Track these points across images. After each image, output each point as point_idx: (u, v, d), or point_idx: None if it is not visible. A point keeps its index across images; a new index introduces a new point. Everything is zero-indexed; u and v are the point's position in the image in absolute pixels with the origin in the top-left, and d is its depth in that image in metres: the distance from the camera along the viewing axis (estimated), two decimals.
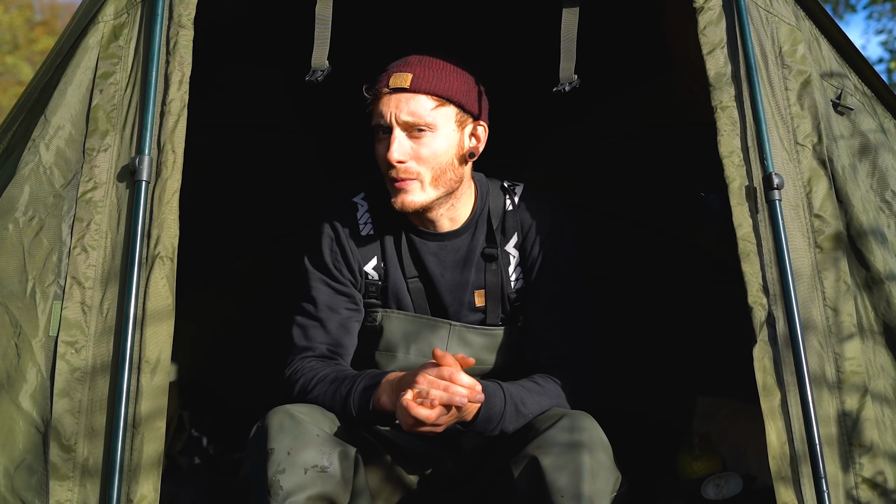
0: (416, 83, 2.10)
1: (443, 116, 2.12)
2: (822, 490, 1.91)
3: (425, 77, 2.11)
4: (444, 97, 2.12)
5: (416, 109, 2.10)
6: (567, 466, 1.86)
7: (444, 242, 2.23)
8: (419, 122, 2.10)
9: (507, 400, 2.00)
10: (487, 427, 1.99)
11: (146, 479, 1.88)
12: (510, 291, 2.25)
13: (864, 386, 2.01)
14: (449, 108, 2.13)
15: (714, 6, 2.16)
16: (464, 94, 2.15)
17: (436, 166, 2.13)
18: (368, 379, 2.04)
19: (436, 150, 2.12)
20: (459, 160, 2.17)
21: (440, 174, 2.14)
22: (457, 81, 2.14)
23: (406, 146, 2.11)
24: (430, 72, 2.12)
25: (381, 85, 2.12)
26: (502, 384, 2.03)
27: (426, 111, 2.10)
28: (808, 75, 2.18)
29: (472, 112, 2.17)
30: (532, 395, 2.06)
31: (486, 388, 1.98)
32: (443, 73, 2.13)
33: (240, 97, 3.22)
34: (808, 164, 2.12)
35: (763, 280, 2.02)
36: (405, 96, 2.10)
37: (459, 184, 2.20)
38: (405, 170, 2.11)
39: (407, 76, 2.10)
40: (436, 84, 2.11)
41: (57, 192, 2.04)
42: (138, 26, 2.12)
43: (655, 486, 2.98)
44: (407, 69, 2.12)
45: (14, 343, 1.96)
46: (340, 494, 1.89)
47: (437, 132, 2.12)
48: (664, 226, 3.76)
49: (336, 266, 2.22)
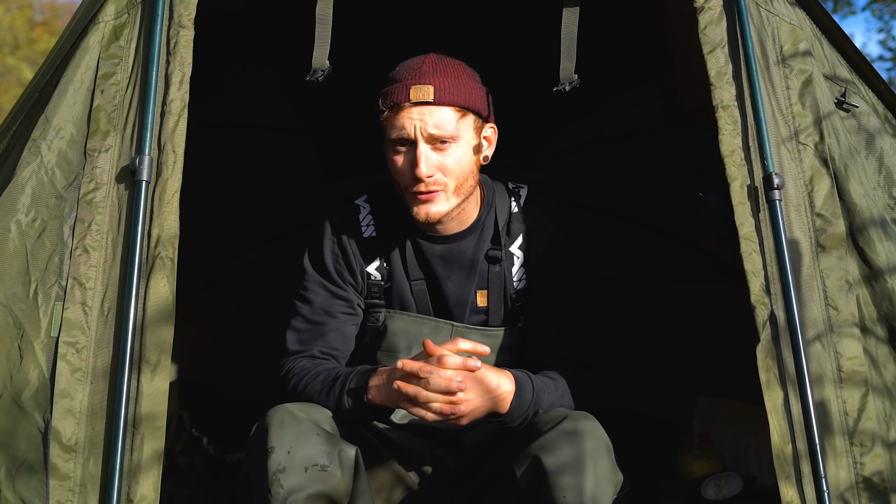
0: (440, 96, 2.08)
1: (465, 126, 2.12)
2: (823, 489, 1.91)
3: (447, 88, 2.09)
4: (465, 107, 2.11)
5: (441, 122, 2.08)
6: (570, 467, 1.86)
7: (450, 245, 2.23)
8: (444, 135, 2.09)
9: (534, 393, 2.03)
10: (514, 422, 2.02)
11: (146, 479, 1.88)
12: (513, 292, 2.25)
13: (865, 385, 2.02)
14: (469, 116, 2.13)
15: (714, 6, 2.16)
16: (480, 100, 2.15)
17: (459, 175, 2.13)
18: (360, 374, 2.04)
19: (460, 159, 2.12)
20: (477, 165, 2.18)
21: (463, 182, 2.14)
22: (473, 88, 2.14)
23: (433, 159, 2.09)
24: (450, 82, 2.10)
25: (402, 98, 2.09)
26: (532, 378, 2.06)
27: (451, 123, 2.09)
28: (809, 74, 2.18)
29: (485, 116, 2.18)
30: (549, 392, 2.07)
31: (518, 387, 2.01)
32: (460, 82, 2.11)
33: (240, 97, 3.22)
34: (809, 163, 2.12)
35: (765, 279, 2.02)
36: (429, 109, 2.08)
37: (475, 188, 2.21)
38: (434, 182, 2.11)
39: (429, 89, 2.08)
40: (457, 95, 2.10)
41: (59, 193, 2.04)
42: (138, 26, 2.11)
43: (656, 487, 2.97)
44: (426, 80, 2.09)
45: (17, 345, 1.96)
46: (341, 493, 1.89)
47: (460, 142, 2.11)
48: (664, 226, 3.76)
49: (337, 269, 2.22)
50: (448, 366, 1.91)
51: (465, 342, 1.98)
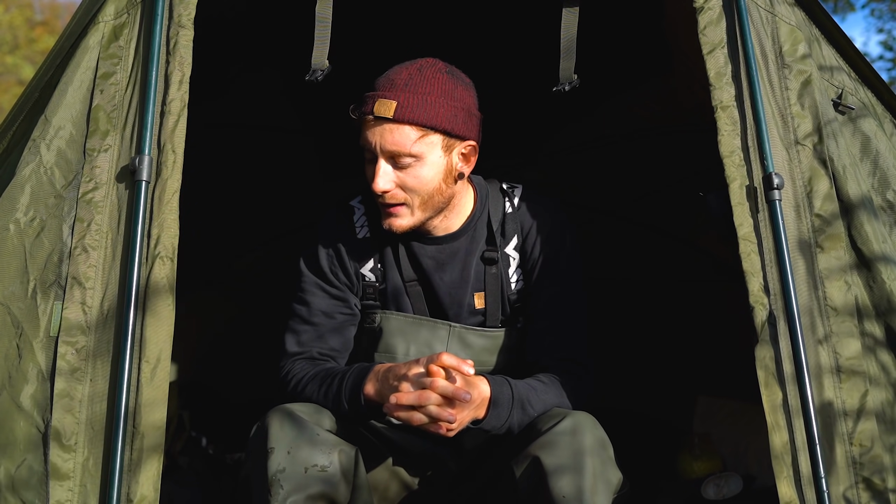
0: (400, 112, 2.03)
1: (427, 145, 2.07)
2: (822, 489, 1.91)
3: (409, 106, 2.03)
4: (428, 126, 2.05)
5: (399, 140, 2.04)
6: (569, 467, 1.86)
7: (441, 245, 2.22)
8: (402, 153, 2.05)
9: (514, 399, 2.01)
10: (496, 424, 2.00)
11: (146, 479, 1.88)
12: (510, 293, 2.25)
13: (864, 385, 2.02)
14: (434, 136, 2.07)
15: (714, 6, 2.16)
16: (449, 119, 2.06)
17: (423, 192, 2.10)
18: (357, 373, 2.04)
19: (421, 178, 2.08)
20: (447, 183, 2.13)
21: (428, 199, 2.11)
22: (442, 107, 2.05)
23: (390, 175, 2.07)
24: (415, 98, 2.03)
25: (367, 109, 2.05)
26: (510, 381, 2.04)
27: (410, 142, 2.05)
28: (808, 75, 2.18)
29: (460, 135, 2.10)
30: (538, 394, 2.06)
31: (494, 386, 1.99)
32: (428, 100, 2.04)
33: (240, 97, 3.22)
34: (808, 164, 2.12)
35: (764, 279, 2.03)
36: (388, 126, 2.04)
37: (450, 200, 2.17)
38: (391, 196, 2.09)
39: (391, 104, 2.03)
40: (419, 113, 2.04)
41: (58, 192, 2.04)
42: (138, 26, 2.12)
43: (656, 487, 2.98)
44: (391, 95, 2.04)
45: (16, 344, 1.96)
46: (341, 494, 1.89)
47: (423, 160, 2.07)
48: (664, 226, 3.76)
49: (332, 270, 2.22)
50: (438, 389, 1.89)
51: (450, 357, 1.93)
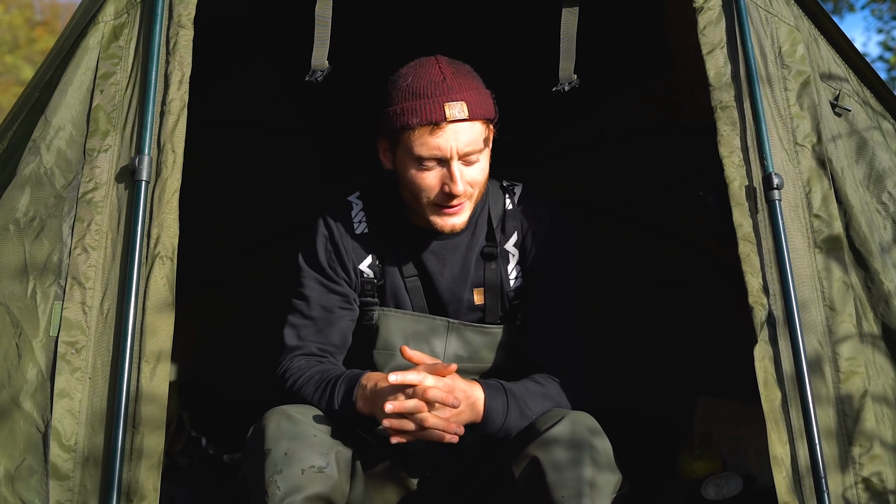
0: (473, 111, 2.04)
1: (488, 137, 2.12)
2: (822, 490, 1.91)
3: (476, 102, 2.06)
4: (489, 119, 2.10)
5: (474, 138, 2.06)
6: (568, 466, 1.86)
7: (443, 241, 2.23)
8: (476, 150, 2.07)
9: (510, 402, 2.01)
10: (492, 429, 2.00)
11: (146, 479, 1.88)
12: (509, 290, 2.25)
13: (863, 386, 2.02)
14: (489, 127, 2.12)
15: (714, 6, 2.16)
16: (493, 107, 2.13)
17: (482, 184, 2.14)
18: (348, 382, 2.04)
19: (484, 170, 2.12)
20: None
21: (482, 189, 2.15)
22: (488, 97, 2.11)
23: (466, 175, 2.08)
24: (477, 95, 2.07)
25: (437, 116, 2.02)
26: (505, 385, 2.04)
27: (481, 137, 2.08)
28: (807, 75, 2.18)
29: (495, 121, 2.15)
30: (534, 396, 2.06)
31: (488, 391, 1.99)
32: (482, 93, 2.09)
33: (240, 97, 3.22)
34: (807, 165, 2.12)
35: (763, 280, 2.03)
36: (462, 126, 2.04)
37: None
38: (465, 195, 2.10)
39: (462, 105, 2.03)
40: (486, 108, 2.08)
41: (58, 192, 2.04)
42: (138, 26, 2.12)
43: (656, 487, 2.97)
44: (456, 96, 2.04)
45: (15, 343, 1.96)
46: (338, 495, 1.89)
47: (484, 153, 2.11)
48: (664, 226, 3.76)
49: (330, 265, 2.22)
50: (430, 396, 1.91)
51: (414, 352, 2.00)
